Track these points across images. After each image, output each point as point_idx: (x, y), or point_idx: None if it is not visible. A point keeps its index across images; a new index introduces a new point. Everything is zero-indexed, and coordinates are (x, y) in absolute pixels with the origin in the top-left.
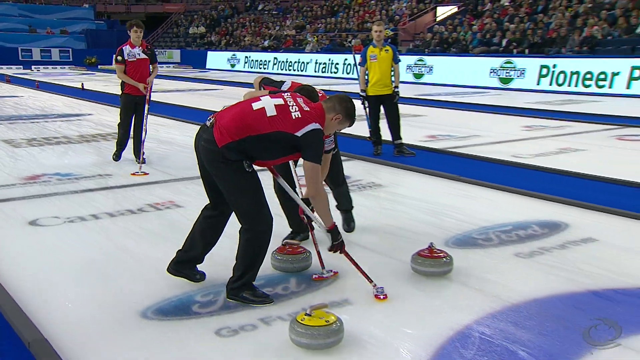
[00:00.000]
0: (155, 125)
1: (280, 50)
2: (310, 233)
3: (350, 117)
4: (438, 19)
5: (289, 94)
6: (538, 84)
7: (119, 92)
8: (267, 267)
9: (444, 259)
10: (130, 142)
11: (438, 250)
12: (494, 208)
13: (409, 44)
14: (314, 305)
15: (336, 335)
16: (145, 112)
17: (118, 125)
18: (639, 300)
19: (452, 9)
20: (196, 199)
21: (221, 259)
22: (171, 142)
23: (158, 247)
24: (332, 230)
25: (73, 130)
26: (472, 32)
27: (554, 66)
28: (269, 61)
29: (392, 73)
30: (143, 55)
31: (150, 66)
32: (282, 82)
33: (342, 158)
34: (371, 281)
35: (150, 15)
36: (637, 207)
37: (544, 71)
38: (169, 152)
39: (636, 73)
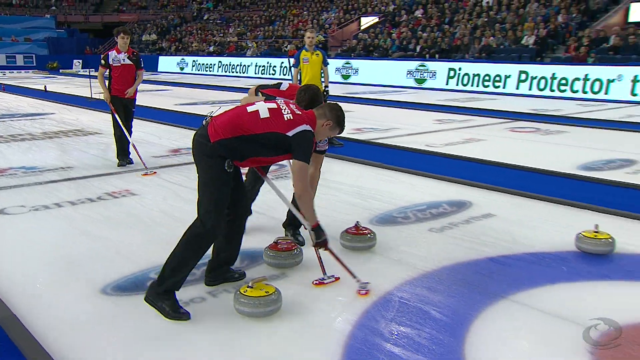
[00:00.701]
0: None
1: (224, 55)
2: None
3: (340, 124)
4: (362, 28)
5: (282, 100)
6: (447, 84)
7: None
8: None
9: (369, 235)
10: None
11: (363, 227)
12: (412, 190)
13: (337, 49)
14: (255, 279)
15: (275, 304)
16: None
17: (114, 132)
18: (527, 264)
19: (374, 20)
20: (149, 187)
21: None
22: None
23: (116, 230)
24: (316, 229)
25: (37, 128)
26: (391, 39)
27: (459, 69)
28: (214, 64)
29: (322, 74)
30: (128, 61)
31: (136, 72)
32: (280, 84)
33: None
34: (354, 277)
35: (107, 24)
36: (527, 187)
37: (452, 73)
38: None
39: (523, 76)
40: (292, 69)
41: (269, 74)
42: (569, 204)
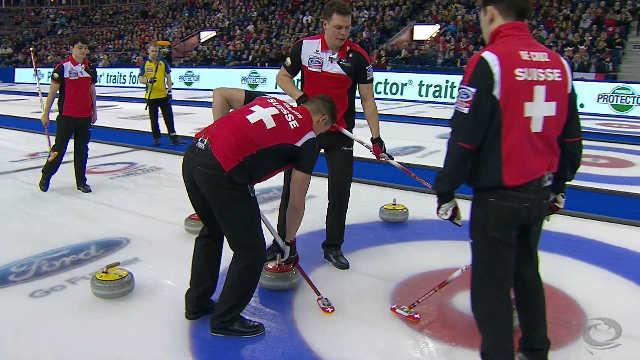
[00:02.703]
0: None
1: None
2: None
3: (334, 117)
4: (202, 41)
5: (274, 100)
6: (275, 88)
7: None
8: (70, 238)
9: None
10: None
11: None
12: None
13: (180, 59)
14: (109, 264)
15: (128, 285)
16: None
17: (51, 149)
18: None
19: (212, 34)
20: (9, 189)
21: (32, 234)
22: None
23: None
24: (292, 245)
25: None
26: (228, 50)
27: None
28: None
29: (166, 80)
30: (85, 74)
31: (91, 85)
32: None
33: (127, 149)
34: (319, 294)
35: None
36: None
37: None
38: None
39: None
40: (140, 77)
41: (120, 83)
42: (375, 184)
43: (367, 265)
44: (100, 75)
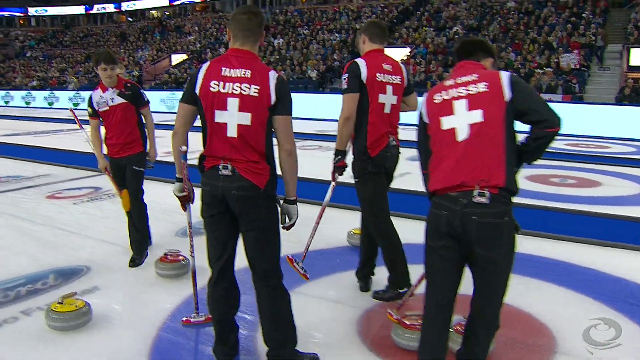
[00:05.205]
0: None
1: (47, 89)
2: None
3: (261, 24)
4: (173, 64)
5: (215, 83)
6: None
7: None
8: (28, 267)
9: (182, 261)
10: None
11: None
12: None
13: (151, 82)
14: (65, 295)
15: (85, 316)
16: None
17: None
18: (310, 260)
19: (183, 57)
20: None
21: None
22: None
23: None
24: (296, 201)
25: None
26: None
27: None
28: (37, 97)
29: None
30: (120, 100)
31: (138, 112)
32: None
33: (92, 174)
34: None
35: None
36: (311, 195)
37: None
38: None
39: (309, 103)
40: None
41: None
42: (343, 207)
43: (332, 291)
44: (70, 98)
